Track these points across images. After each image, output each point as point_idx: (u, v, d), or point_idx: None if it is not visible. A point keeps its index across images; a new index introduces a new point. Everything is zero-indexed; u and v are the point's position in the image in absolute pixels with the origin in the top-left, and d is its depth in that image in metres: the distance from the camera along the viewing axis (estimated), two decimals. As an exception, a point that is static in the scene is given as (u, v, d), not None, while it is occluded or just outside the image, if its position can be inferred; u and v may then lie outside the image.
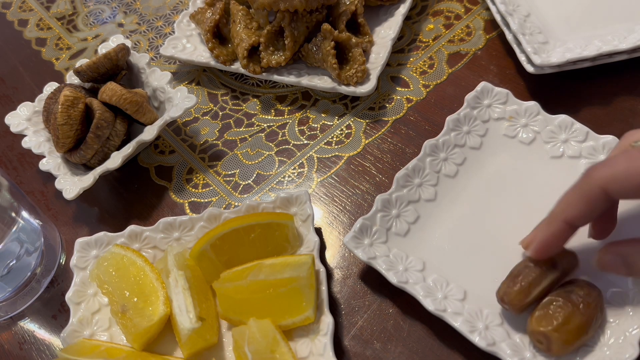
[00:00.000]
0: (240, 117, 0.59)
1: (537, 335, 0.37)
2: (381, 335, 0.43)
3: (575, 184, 0.37)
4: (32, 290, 0.49)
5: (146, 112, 0.53)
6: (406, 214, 0.46)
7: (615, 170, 0.34)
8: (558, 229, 0.37)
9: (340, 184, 0.52)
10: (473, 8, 0.63)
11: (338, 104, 0.57)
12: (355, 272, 0.46)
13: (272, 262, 0.42)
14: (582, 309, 0.37)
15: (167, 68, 0.65)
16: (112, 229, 0.49)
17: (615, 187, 0.34)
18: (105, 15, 0.73)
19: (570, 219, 0.37)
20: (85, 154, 0.52)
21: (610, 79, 0.53)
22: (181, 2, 0.72)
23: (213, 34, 0.60)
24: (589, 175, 0.36)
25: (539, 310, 0.38)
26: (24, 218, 0.48)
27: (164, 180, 0.55)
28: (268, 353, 0.39)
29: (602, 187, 0.35)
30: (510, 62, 0.57)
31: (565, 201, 0.37)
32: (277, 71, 0.58)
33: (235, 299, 0.42)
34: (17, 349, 0.48)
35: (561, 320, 0.36)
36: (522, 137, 0.49)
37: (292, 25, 0.56)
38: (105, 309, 0.45)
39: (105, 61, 0.55)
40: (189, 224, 0.47)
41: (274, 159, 0.55)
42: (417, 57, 0.60)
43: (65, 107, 0.50)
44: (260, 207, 0.47)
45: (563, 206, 0.37)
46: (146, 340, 0.42)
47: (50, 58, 0.69)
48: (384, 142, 0.54)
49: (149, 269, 0.45)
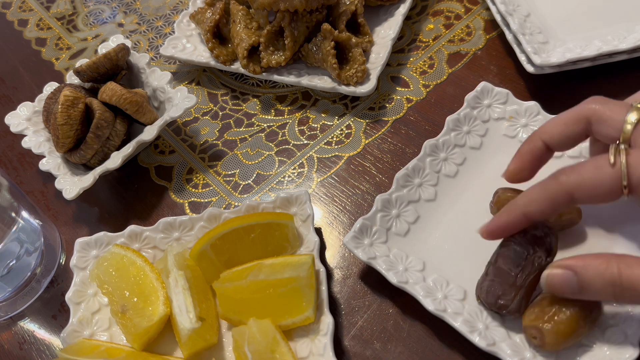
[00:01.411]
0: (240, 117, 0.59)
1: (530, 330, 0.37)
2: (381, 335, 0.43)
3: (542, 183, 0.38)
4: (32, 290, 0.49)
5: (146, 112, 0.53)
6: (406, 214, 0.46)
7: (582, 178, 0.36)
8: (516, 219, 0.38)
9: (340, 184, 0.52)
10: (473, 8, 0.63)
11: (338, 104, 0.57)
12: (355, 272, 0.46)
13: (272, 262, 0.42)
14: (577, 303, 0.36)
15: (167, 68, 0.65)
16: (112, 229, 0.49)
17: (581, 194, 0.36)
18: (105, 15, 0.73)
19: (530, 214, 0.38)
20: (85, 154, 0.52)
21: (610, 79, 0.53)
22: (181, 2, 0.72)
23: (213, 34, 0.60)
24: (557, 178, 0.37)
25: (533, 307, 0.38)
26: (24, 218, 0.48)
27: (164, 180, 0.55)
28: (268, 353, 0.39)
29: (568, 191, 0.36)
30: (510, 62, 0.57)
31: (529, 196, 0.38)
32: (277, 71, 0.58)
33: (235, 299, 0.42)
34: (17, 349, 0.48)
35: (552, 312, 0.36)
36: (522, 137, 0.49)
37: (292, 25, 0.56)
38: (105, 309, 0.45)
39: (105, 61, 0.55)
40: (189, 224, 0.47)
41: (274, 159, 0.55)
42: (417, 57, 0.60)
43: (65, 107, 0.50)
44: (260, 207, 0.47)
45: (526, 201, 0.38)
46: (146, 340, 0.42)
47: (50, 58, 0.69)
48: (384, 142, 0.54)
49: (149, 269, 0.45)
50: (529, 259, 0.38)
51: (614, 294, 0.34)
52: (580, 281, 0.35)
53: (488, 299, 0.39)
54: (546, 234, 0.39)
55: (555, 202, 0.37)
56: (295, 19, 0.56)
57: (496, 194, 0.44)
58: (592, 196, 0.36)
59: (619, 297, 0.34)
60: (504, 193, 0.43)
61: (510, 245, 0.39)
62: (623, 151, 0.35)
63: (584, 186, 0.35)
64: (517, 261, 0.38)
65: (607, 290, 0.34)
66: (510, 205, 0.39)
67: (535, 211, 0.38)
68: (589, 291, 0.35)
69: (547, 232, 0.39)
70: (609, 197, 0.35)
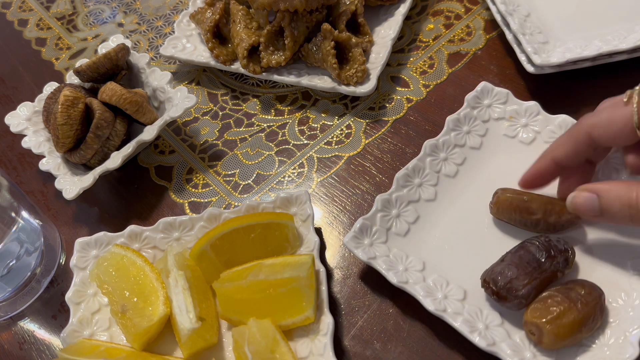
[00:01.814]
0: (240, 117, 0.59)
1: (529, 326, 0.38)
2: (381, 335, 0.43)
3: (567, 130, 0.42)
4: (32, 290, 0.49)
5: (146, 112, 0.53)
6: (406, 214, 0.46)
7: (599, 118, 0.39)
8: (545, 164, 0.42)
9: (340, 184, 0.52)
10: (473, 8, 0.63)
11: (338, 104, 0.57)
12: (355, 272, 0.46)
13: (272, 262, 0.42)
14: (580, 307, 0.37)
15: (167, 68, 0.65)
16: (112, 229, 0.49)
17: (598, 132, 0.38)
18: (105, 15, 0.73)
19: (557, 157, 0.41)
20: (85, 154, 0.52)
21: (610, 79, 0.53)
22: (181, 2, 0.72)
23: (213, 34, 0.60)
24: (579, 122, 0.40)
25: (536, 303, 0.38)
26: (24, 218, 0.48)
27: (164, 180, 0.55)
28: (268, 353, 0.39)
29: (587, 131, 0.39)
30: (510, 62, 0.57)
31: (556, 143, 0.42)
32: (277, 71, 0.58)
33: (235, 299, 0.42)
34: (17, 349, 0.48)
35: (555, 314, 0.37)
36: (522, 137, 0.49)
37: (292, 25, 0.56)
38: (105, 309, 0.45)
39: (105, 61, 0.55)
40: (189, 224, 0.47)
41: (274, 159, 0.55)
42: (417, 57, 0.60)
43: (65, 107, 0.50)
44: (260, 207, 0.47)
45: (553, 146, 0.42)
46: (146, 340, 0.42)
47: (50, 58, 0.69)
48: (384, 142, 0.54)
49: (149, 269, 0.45)
50: (548, 258, 0.39)
51: (630, 217, 0.36)
52: (601, 204, 0.37)
53: (499, 281, 0.39)
54: (566, 249, 0.40)
55: (577, 143, 0.40)
56: (295, 19, 0.56)
57: (496, 194, 0.44)
58: (608, 134, 0.38)
59: (635, 219, 0.36)
60: (504, 193, 0.43)
61: (535, 243, 0.40)
62: (637, 92, 0.37)
63: (600, 125, 0.38)
64: (538, 256, 0.39)
65: (625, 212, 0.36)
66: (541, 155, 0.42)
67: (562, 154, 0.41)
68: (608, 213, 0.37)
69: (567, 248, 0.40)
70: (623, 136, 0.37)
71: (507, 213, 0.43)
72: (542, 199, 0.43)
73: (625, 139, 0.37)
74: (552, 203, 0.42)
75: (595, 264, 0.42)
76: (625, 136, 0.37)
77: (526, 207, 0.42)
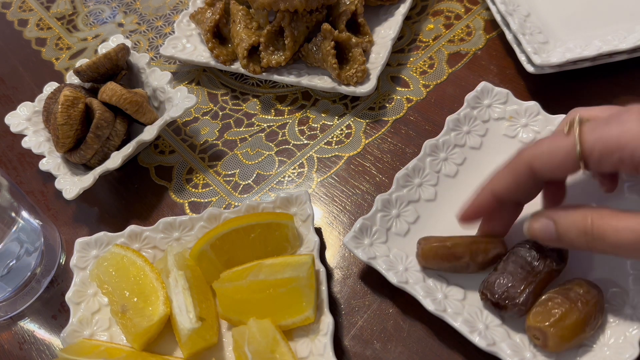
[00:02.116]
0: (240, 117, 0.59)
1: (533, 331, 0.37)
2: (381, 335, 0.43)
3: (507, 161, 0.39)
4: (32, 290, 0.49)
5: (146, 112, 0.53)
6: (406, 214, 0.46)
7: (540, 149, 0.37)
8: (485, 199, 0.40)
9: (340, 184, 0.52)
10: (473, 8, 0.63)
11: (338, 104, 0.57)
12: (355, 272, 0.46)
13: (272, 262, 0.42)
14: (580, 306, 0.37)
15: (167, 68, 0.65)
16: (112, 229, 0.49)
17: (539, 164, 0.37)
18: (105, 15, 0.73)
19: (497, 191, 0.39)
20: (85, 154, 0.52)
21: (610, 79, 0.53)
22: (181, 2, 0.72)
23: (213, 34, 0.60)
24: (519, 153, 0.38)
25: (537, 307, 0.38)
26: (24, 218, 0.48)
27: (164, 180, 0.55)
28: (268, 353, 0.39)
29: (527, 163, 0.37)
30: (510, 62, 0.57)
31: (495, 175, 0.40)
32: (277, 71, 0.58)
33: (235, 299, 0.42)
34: (17, 349, 0.48)
35: (558, 316, 0.36)
36: (522, 137, 0.49)
37: (292, 25, 0.56)
38: (105, 309, 0.45)
39: (105, 61, 0.55)
40: (189, 224, 0.47)
41: (274, 159, 0.55)
42: (417, 57, 0.60)
43: (65, 107, 0.50)
44: (260, 207, 0.47)
45: (493, 180, 0.40)
46: (146, 340, 0.42)
47: (50, 58, 0.69)
48: (384, 142, 0.54)
49: (149, 269, 0.45)
50: (541, 259, 0.39)
51: (586, 243, 0.35)
52: (558, 230, 0.36)
53: (495, 290, 0.39)
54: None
55: (517, 176, 0.38)
56: (295, 19, 0.56)
57: (419, 245, 0.43)
58: (549, 166, 0.36)
59: (591, 246, 0.35)
60: (427, 243, 0.42)
61: (525, 245, 0.40)
62: (577, 122, 0.35)
63: (541, 157, 0.36)
64: (530, 259, 0.39)
65: (581, 239, 0.35)
66: (480, 187, 0.40)
67: (502, 187, 0.39)
68: (565, 239, 0.36)
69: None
70: (565, 167, 0.36)
71: (435, 263, 0.42)
72: (465, 240, 0.41)
73: (567, 170, 0.36)
74: (477, 242, 0.41)
75: (593, 263, 0.42)
76: (567, 167, 0.36)
77: (452, 253, 0.41)
